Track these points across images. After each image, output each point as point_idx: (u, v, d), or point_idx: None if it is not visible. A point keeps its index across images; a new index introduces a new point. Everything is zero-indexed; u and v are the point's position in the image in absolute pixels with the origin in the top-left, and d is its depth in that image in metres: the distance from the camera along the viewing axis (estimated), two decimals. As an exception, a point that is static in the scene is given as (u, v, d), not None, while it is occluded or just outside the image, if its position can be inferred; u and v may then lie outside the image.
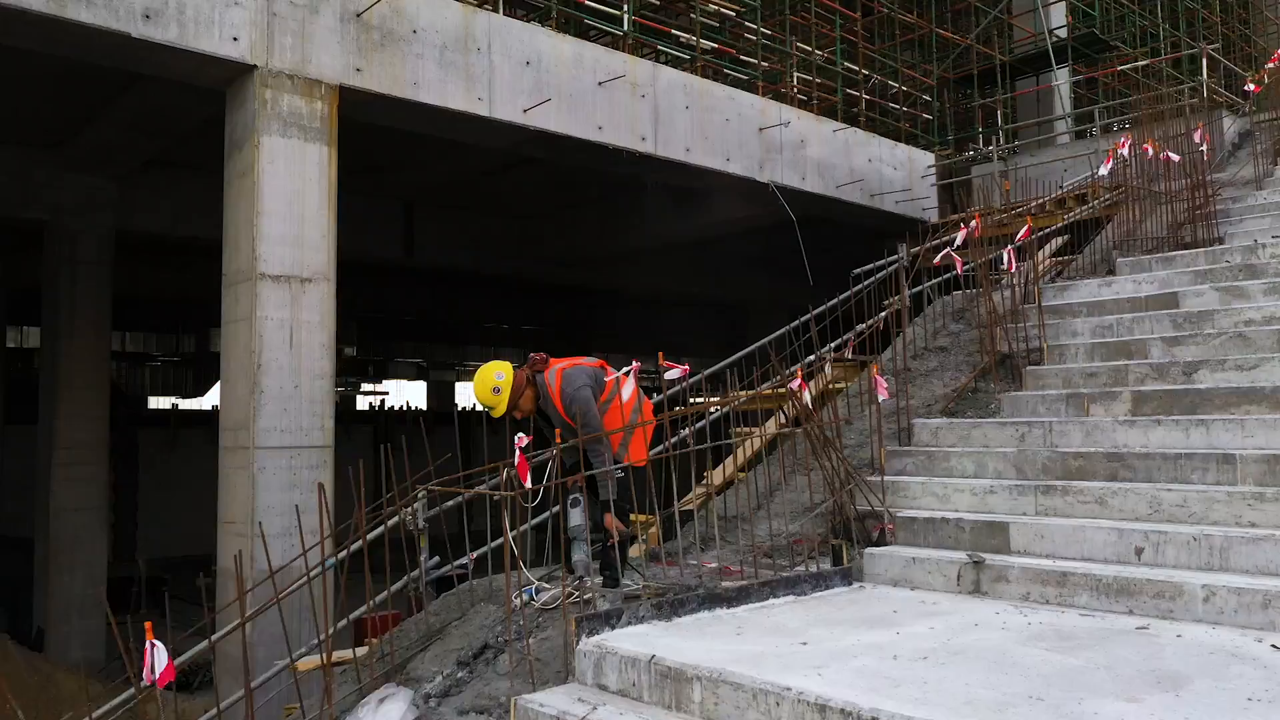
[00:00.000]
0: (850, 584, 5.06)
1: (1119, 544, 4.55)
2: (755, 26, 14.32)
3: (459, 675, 4.46)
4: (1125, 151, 9.62)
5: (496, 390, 4.94)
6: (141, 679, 3.43)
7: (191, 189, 14.79)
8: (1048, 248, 11.26)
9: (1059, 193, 13.15)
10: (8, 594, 16.37)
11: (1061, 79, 18.15)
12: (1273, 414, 5.13)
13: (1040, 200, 12.84)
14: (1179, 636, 3.80)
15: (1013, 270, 7.40)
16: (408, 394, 34.57)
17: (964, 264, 7.92)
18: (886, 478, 5.84)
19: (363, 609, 5.99)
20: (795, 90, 15.01)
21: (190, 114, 11.63)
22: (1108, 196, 11.67)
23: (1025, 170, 15.68)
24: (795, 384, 5.64)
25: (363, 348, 29.17)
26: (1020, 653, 3.63)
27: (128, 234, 14.79)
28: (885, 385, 5.93)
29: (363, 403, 33.23)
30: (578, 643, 4.03)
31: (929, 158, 16.31)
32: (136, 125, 12.46)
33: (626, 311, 26.55)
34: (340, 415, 10.61)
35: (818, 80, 15.42)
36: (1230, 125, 13.97)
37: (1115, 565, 4.46)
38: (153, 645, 3.29)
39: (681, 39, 13.96)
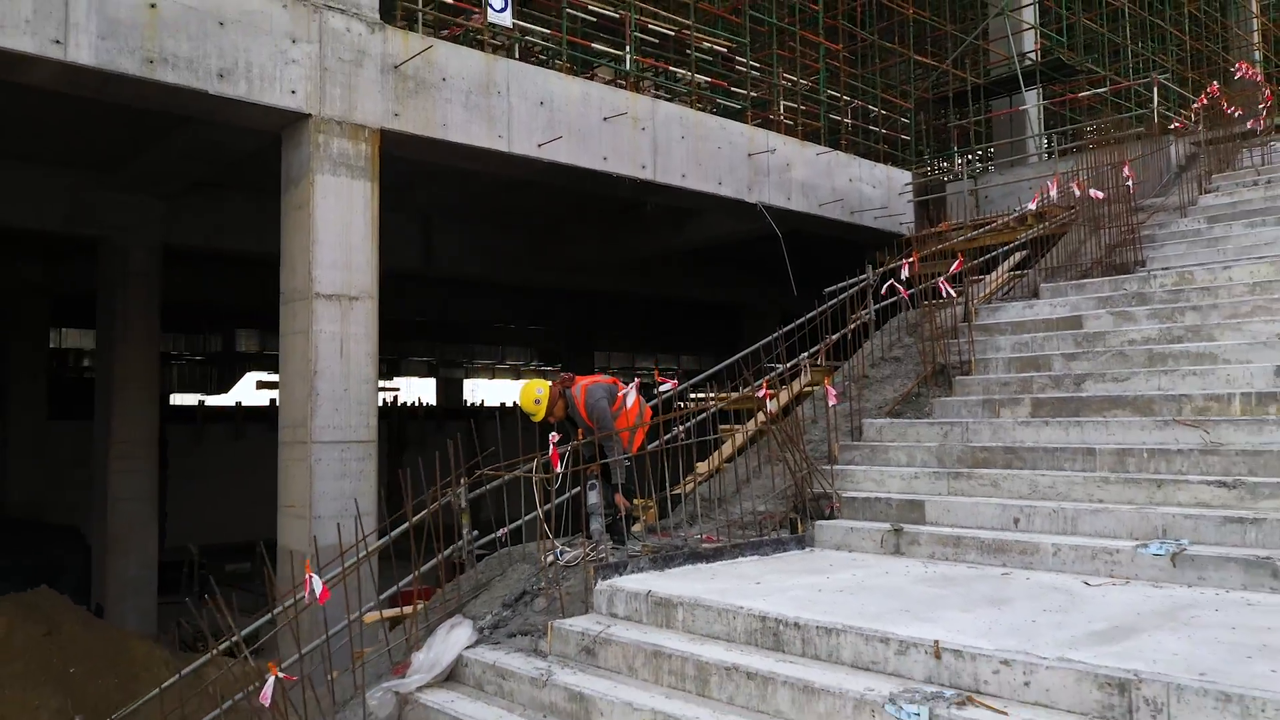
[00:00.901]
0: (803, 548, 6.53)
1: (1002, 516, 6.02)
2: (745, 61, 15.76)
3: (504, 613, 5.94)
4: (1054, 192, 11.02)
5: (537, 401, 6.49)
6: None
7: (229, 208, 16.30)
8: (1005, 264, 12.74)
9: (1020, 211, 14.62)
10: (64, 576, 17.84)
11: (1031, 101, 19.58)
12: (1131, 417, 6.59)
13: (1004, 217, 14.31)
14: (1028, 579, 5.26)
15: (946, 296, 8.86)
16: (417, 390, 36.04)
17: (908, 292, 9.39)
18: (837, 466, 7.31)
19: (408, 579, 7.41)
20: (782, 117, 16.43)
21: (239, 148, 13.07)
22: (1062, 217, 13.17)
23: (994, 189, 17.22)
24: (761, 393, 7.10)
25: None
26: (910, 588, 5.11)
27: (171, 247, 16.26)
28: (835, 393, 7.40)
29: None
30: (595, 585, 5.51)
31: (906, 176, 17.75)
32: (188, 155, 13.90)
33: (629, 313, 28.03)
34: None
35: (803, 106, 16.86)
36: (1177, 150, 15.40)
37: (997, 531, 5.92)
38: (310, 576, 4.75)
39: (678, 74, 15.40)
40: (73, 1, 8.73)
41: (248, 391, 31.31)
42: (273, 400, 23.10)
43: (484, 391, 37.20)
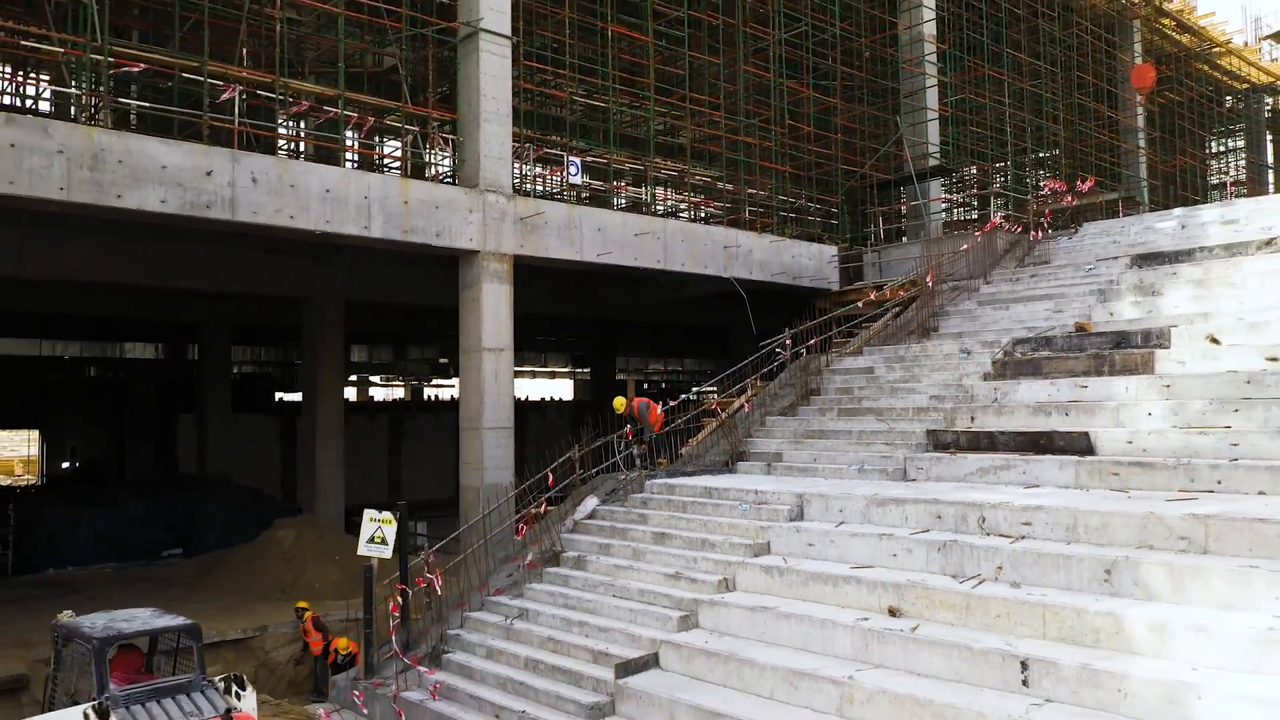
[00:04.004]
0: (731, 472, 15.19)
1: (811, 458, 14.65)
2: (722, 186, 24.35)
3: (605, 498, 14.61)
4: (883, 292, 19.66)
5: (623, 406, 15.15)
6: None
7: (385, 274, 24.89)
8: (885, 318, 21.31)
9: (903, 279, 23.21)
10: (262, 518, 26.52)
11: (929, 194, 28.07)
12: (870, 418, 15.20)
13: (893, 283, 22.91)
14: (818, 479, 13.88)
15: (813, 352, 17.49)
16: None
17: (792, 344, 18.00)
18: (751, 438, 15.96)
19: (532, 506, 15.89)
20: (746, 218, 25.03)
21: (411, 253, 21.63)
22: (912, 290, 21.78)
23: (892, 260, 25.77)
24: (714, 405, 15.77)
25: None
26: (765, 481, 13.76)
27: (351, 301, 24.90)
28: (749, 404, 16.07)
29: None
30: (645, 482, 14.19)
31: (833, 249, 26.26)
32: (379, 253, 22.48)
33: (642, 332, 36.71)
34: (431, 406, 20.65)
35: (761, 208, 25.46)
36: (1001, 242, 23.90)
37: (808, 464, 14.53)
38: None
39: (681, 205, 23.97)
40: (373, 207, 17.31)
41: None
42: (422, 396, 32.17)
43: (526, 389, 45.92)
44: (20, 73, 23.17)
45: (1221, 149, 49.11)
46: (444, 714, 10.93)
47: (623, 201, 27.53)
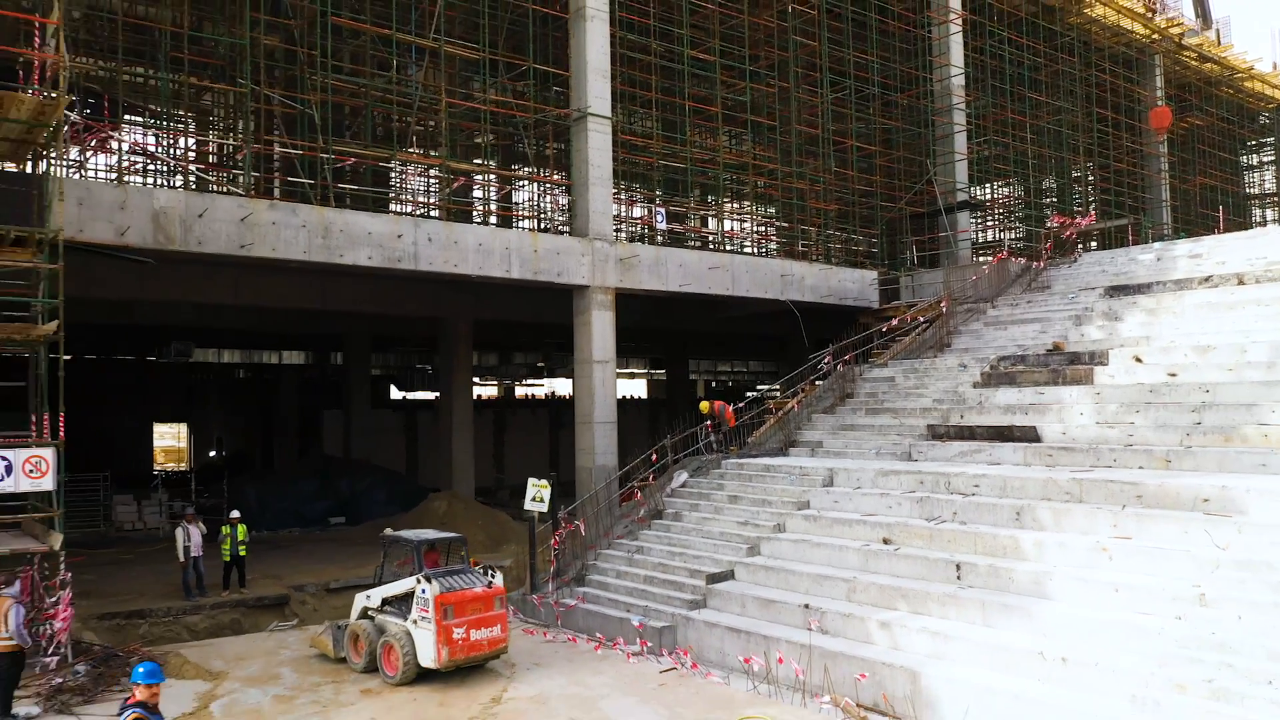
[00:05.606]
0: (785, 455, 20.52)
1: (843, 445, 19.91)
2: (777, 223, 29.63)
3: (692, 473, 20.08)
4: (905, 319, 24.84)
5: (707, 408, 20.61)
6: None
7: (504, 295, 30.62)
8: (913, 334, 26.41)
9: (929, 301, 28.26)
10: (406, 494, 32.53)
11: (958, 225, 32.91)
12: (892, 416, 20.38)
13: (921, 304, 27.99)
14: (850, 461, 19.15)
15: (837, 369, 22.70)
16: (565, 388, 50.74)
17: (833, 358, 23.22)
18: (800, 430, 21.28)
19: (632, 483, 21.33)
20: (799, 249, 30.27)
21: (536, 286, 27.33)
22: (931, 313, 26.83)
23: (924, 284, 30.75)
24: (771, 405, 21.14)
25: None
26: (810, 462, 19.08)
27: (479, 320, 30.72)
28: (800, 404, 21.40)
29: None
30: (721, 461, 19.63)
31: (873, 274, 31.34)
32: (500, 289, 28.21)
33: (709, 339, 42.12)
34: (526, 402, 26.22)
35: (814, 244, 30.68)
36: (1013, 269, 28.72)
37: (840, 449, 19.80)
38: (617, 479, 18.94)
39: (745, 243, 29.32)
40: (512, 255, 22.94)
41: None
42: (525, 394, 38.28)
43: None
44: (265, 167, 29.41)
45: (1250, 165, 52.72)
46: (590, 611, 16.48)
47: (696, 242, 32.98)
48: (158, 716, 7.41)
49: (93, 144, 21.29)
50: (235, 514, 20.53)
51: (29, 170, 17.32)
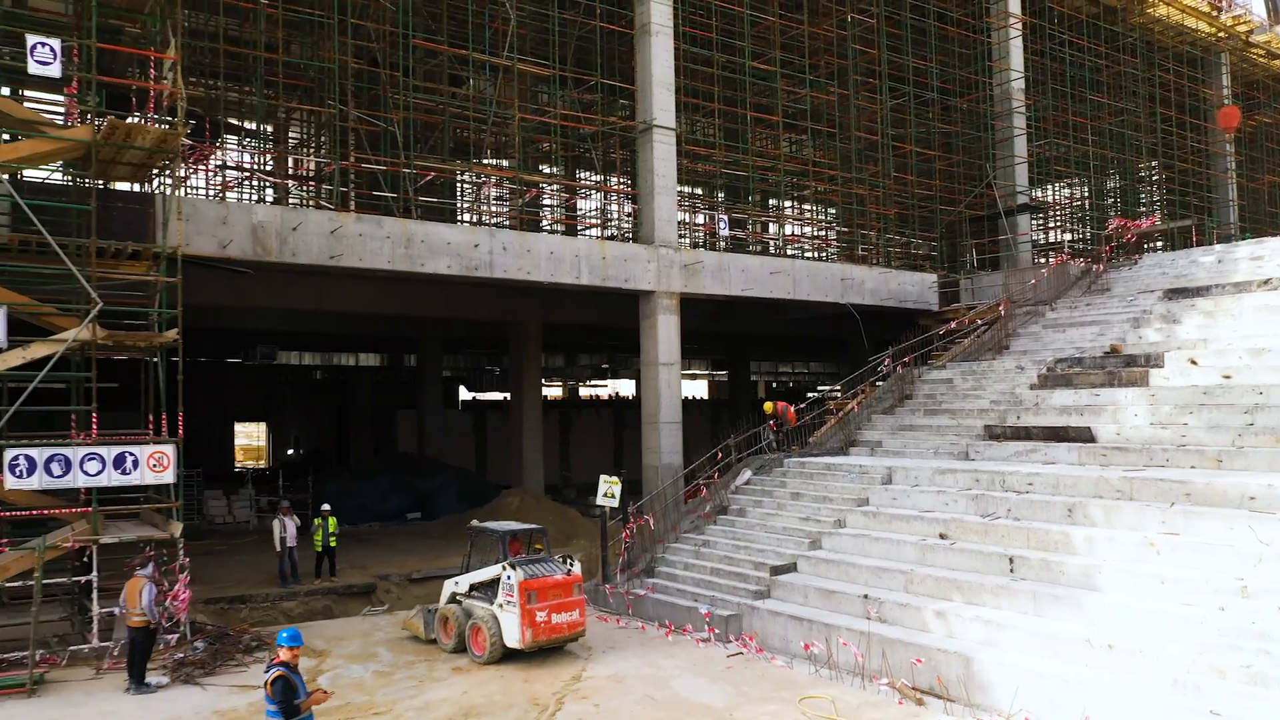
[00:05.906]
0: (845, 455, 21.30)
1: (902, 445, 20.62)
2: (838, 228, 30.32)
3: (756, 471, 20.97)
4: (960, 323, 25.37)
5: (771, 409, 21.49)
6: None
7: (570, 300, 31.78)
8: (971, 336, 26.95)
9: (989, 304, 28.72)
10: (477, 490, 33.89)
11: (1018, 228, 33.22)
12: (949, 417, 21.03)
13: (980, 306, 28.48)
14: (909, 459, 19.88)
15: (893, 370, 23.35)
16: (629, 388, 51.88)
17: (892, 361, 23.88)
18: (860, 430, 22.03)
19: (697, 480, 22.26)
20: (859, 253, 30.91)
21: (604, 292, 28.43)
22: (989, 316, 27.30)
23: (983, 286, 31.17)
24: (831, 406, 21.92)
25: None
26: (869, 461, 19.83)
27: (548, 324, 31.94)
28: (859, 405, 22.14)
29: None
30: (784, 460, 20.49)
31: (933, 277, 31.84)
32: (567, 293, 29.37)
33: (773, 342, 42.86)
34: (590, 403, 27.20)
35: (874, 248, 31.30)
36: (1073, 271, 29.00)
37: (899, 449, 20.51)
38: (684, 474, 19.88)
39: (806, 248, 30.08)
40: (581, 262, 24.02)
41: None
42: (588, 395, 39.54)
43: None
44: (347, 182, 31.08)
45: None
46: (659, 600, 17.47)
47: (757, 246, 33.80)
48: (298, 675, 8.58)
49: (196, 163, 22.88)
50: (326, 507, 21.93)
51: (140, 188, 18.90)
